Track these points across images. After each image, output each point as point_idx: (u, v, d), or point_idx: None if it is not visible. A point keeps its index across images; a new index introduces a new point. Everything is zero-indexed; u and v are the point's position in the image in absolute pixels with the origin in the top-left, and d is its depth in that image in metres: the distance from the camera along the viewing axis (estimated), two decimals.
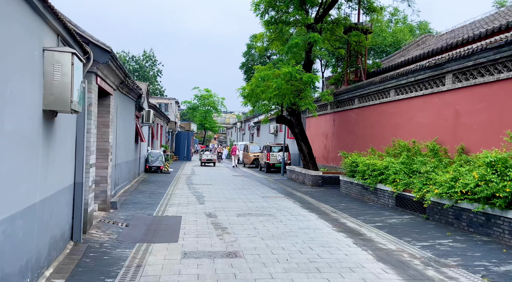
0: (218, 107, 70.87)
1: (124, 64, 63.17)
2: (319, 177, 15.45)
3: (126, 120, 12.78)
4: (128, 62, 63.68)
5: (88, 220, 6.23)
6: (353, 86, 15.78)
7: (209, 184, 15.58)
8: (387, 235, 7.26)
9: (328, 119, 18.72)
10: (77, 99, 4.42)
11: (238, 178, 19.15)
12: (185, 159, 35.67)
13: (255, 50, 26.71)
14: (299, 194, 13.16)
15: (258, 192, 13.38)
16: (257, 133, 35.90)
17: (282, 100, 15.01)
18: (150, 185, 14.38)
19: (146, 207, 9.56)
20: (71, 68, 4.10)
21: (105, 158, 7.94)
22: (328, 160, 18.83)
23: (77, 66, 4.39)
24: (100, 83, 6.92)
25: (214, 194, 12.67)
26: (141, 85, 18.40)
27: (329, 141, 18.75)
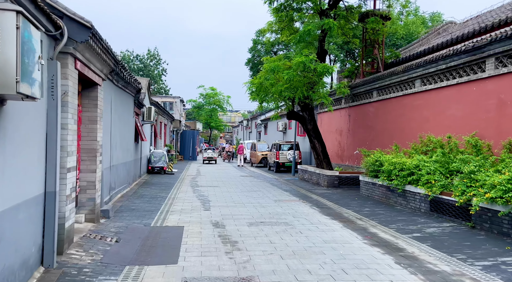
0: (223, 105, 69.74)
1: (128, 64, 62.75)
2: (335, 177, 14.14)
3: (123, 118, 11.59)
4: (132, 61, 62.79)
5: (66, 237, 5.01)
6: (371, 78, 14.43)
7: (216, 186, 14.35)
8: (432, 250, 5.95)
9: (343, 115, 17.38)
10: (32, 80, 3.18)
11: (247, 178, 17.90)
12: (190, 159, 34.53)
13: (264, 41, 25.09)
14: (315, 197, 11.87)
15: (269, 195, 12.12)
16: (264, 131, 34.63)
17: (294, 93, 13.71)
18: (151, 188, 13.18)
19: (144, 215, 8.34)
20: (16, 35, 2.87)
21: (92, 160, 6.72)
22: (343, 158, 17.50)
23: (31, 35, 3.16)
24: (82, 69, 5.69)
25: (221, 197, 11.43)
26: (141, 80, 17.22)
27: (344, 138, 17.42)
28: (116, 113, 10.41)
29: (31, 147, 4.15)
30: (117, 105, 10.60)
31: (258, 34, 42.28)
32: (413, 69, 11.67)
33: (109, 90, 9.48)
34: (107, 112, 9.32)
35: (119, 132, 10.95)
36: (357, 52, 30.59)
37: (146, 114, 15.80)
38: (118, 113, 10.80)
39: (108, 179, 9.56)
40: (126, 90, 11.60)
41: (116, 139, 10.51)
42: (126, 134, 12.14)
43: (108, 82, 9.24)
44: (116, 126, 10.54)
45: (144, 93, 16.04)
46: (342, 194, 12.45)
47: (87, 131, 6.70)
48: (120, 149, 11.32)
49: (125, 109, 11.95)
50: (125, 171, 12.18)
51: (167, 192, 12.36)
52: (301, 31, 13.52)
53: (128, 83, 11.14)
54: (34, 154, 4.24)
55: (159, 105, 21.89)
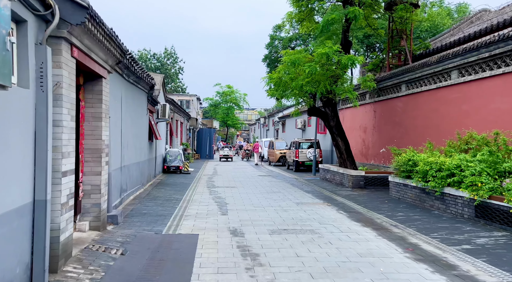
0: (240, 103, 69.21)
1: (146, 62, 62.91)
2: (361, 177, 13.17)
3: (135, 115, 10.96)
4: (149, 60, 62.90)
5: (61, 252, 4.33)
6: (400, 70, 13.38)
7: (233, 187, 13.60)
8: (491, 267, 5.01)
9: (367, 110, 16.35)
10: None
11: (265, 178, 17.10)
12: (207, 157, 33.98)
13: (284, 31, 23.96)
14: (340, 199, 10.97)
15: (290, 197, 11.28)
16: (282, 129, 33.72)
17: (316, 88, 12.80)
18: (166, 189, 12.54)
19: (156, 221, 7.65)
20: None
21: (97, 161, 6.05)
22: (368, 157, 16.48)
23: None
24: (82, 58, 4.99)
25: (239, 199, 10.66)
26: (156, 76, 16.63)
27: (369, 135, 16.39)
28: (127, 110, 9.77)
29: (12, 148, 3.45)
30: (129, 102, 9.97)
31: (275, 30, 41.32)
32: (449, 59, 10.60)
33: (119, 85, 8.84)
34: (117, 109, 8.68)
35: (131, 130, 10.32)
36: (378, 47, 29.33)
37: (161, 112, 15.18)
38: (130, 110, 10.17)
39: (118, 180, 8.93)
40: (138, 86, 10.97)
41: (127, 138, 9.88)
42: (139, 133, 11.52)
43: (117, 76, 8.59)
44: (128, 124, 9.90)
45: (159, 90, 15.44)
46: (370, 196, 11.49)
47: (91, 129, 6.02)
48: (133, 148, 10.70)
49: (138, 106, 11.32)
50: (138, 171, 11.57)
51: (182, 193, 11.68)
52: (323, 21, 12.57)
53: (139, 78, 10.49)
54: (17, 156, 3.55)
55: (175, 102, 21.33)
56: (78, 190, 5.78)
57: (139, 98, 11.44)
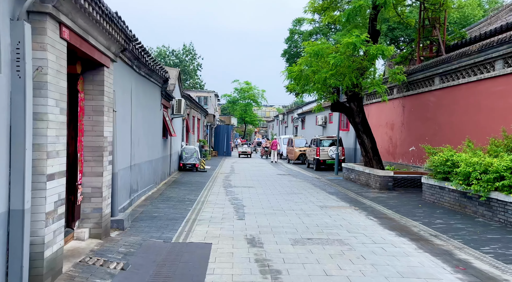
0: (258, 100, 68.42)
1: (164, 59, 62.96)
2: (389, 178, 12.16)
3: (148, 110, 10.31)
4: (168, 57, 62.91)
5: (47, 270, 3.64)
6: (433, 62, 12.26)
7: (251, 186, 12.83)
8: None
9: (395, 106, 15.24)
10: None
11: (284, 177, 16.26)
12: (224, 154, 33.39)
13: (306, 20, 22.91)
14: (368, 202, 10.03)
15: (313, 199, 10.41)
16: (301, 126, 32.75)
17: (341, 81, 11.84)
18: (180, 188, 11.88)
19: (166, 226, 6.94)
20: None
21: (98, 160, 5.36)
22: (395, 156, 15.40)
23: None
24: (78, 42, 4.29)
25: (257, 201, 9.88)
26: (171, 71, 16.00)
27: (396, 132, 15.29)
28: (138, 104, 9.12)
29: None
30: (140, 96, 9.31)
31: (295, 24, 40.22)
32: (493, 48, 9.47)
33: (128, 78, 8.17)
34: (126, 103, 8.02)
35: (142, 126, 9.68)
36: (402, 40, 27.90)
37: (176, 107, 14.54)
38: (141, 105, 9.52)
39: (128, 180, 8.29)
40: (150, 79, 10.31)
41: (138, 134, 9.23)
42: (151, 129, 10.88)
43: (126, 67, 7.93)
44: (139, 120, 9.25)
45: (174, 85, 14.80)
46: (400, 199, 10.49)
47: (91, 124, 5.34)
48: (145, 145, 10.06)
49: (150, 101, 10.68)
50: (151, 170, 10.94)
51: (196, 193, 10.98)
52: (349, 9, 11.59)
53: (152, 70, 9.81)
54: None
55: (191, 98, 20.71)
56: (76, 193, 5.12)
57: (152, 92, 10.79)
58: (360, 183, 13.88)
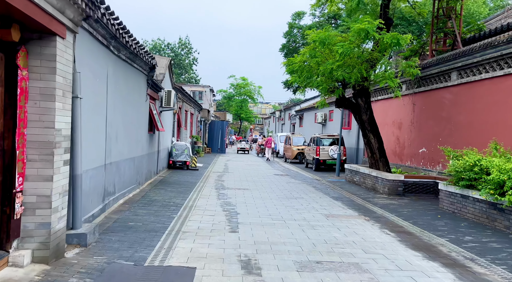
0: (254, 96, 67.15)
1: (159, 52, 61.43)
2: (400, 182, 10.97)
3: (130, 101, 9.01)
4: (163, 50, 61.36)
5: None
6: (451, 55, 11.06)
7: (245, 189, 11.57)
8: None
9: (405, 103, 14.04)
10: None
11: (282, 178, 15.02)
12: (219, 151, 32.09)
13: (311, 7, 21.78)
14: (378, 211, 8.83)
15: (316, 205, 9.19)
16: (299, 123, 31.51)
17: (349, 73, 10.59)
18: (166, 190, 10.60)
19: (142, 240, 5.67)
20: None
21: (46, 160, 4.07)
22: (402, 158, 14.22)
23: None
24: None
25: (253, 207, 8.63)
26: (161, 59, 14.68)
27: (405, 132, 14.11)
28: (117, 93, 7.81)
29: None
30: (120, 83, 8.00)
31: (294, 17, 38.96)
32: None
33: (103, 60, 6.86)
34: (100, 90, 6.72)
35: (122, 119, 8.37)
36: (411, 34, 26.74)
37: (165, 99, 13.22)
38: (122, 94, 8.21)
39: (100, 182, 6.99)
40: (133, 65, 8.99)
41: (116, 128, 7.93)
42: (134, 122, 9.58)
43: (100, 47, 6.62)
44: (118, 111, 7.95)
45: (163, 74, 13.47)
46: (414, 207, 9.30)
47: (38, 112, 4.04)
48: (125, 140, 8.76)
49: (134, 90, 9.36)
50: (133, 168, 9.64)
51: (184, 196, 9.71)
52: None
53: (134, 54, 8.49)
54: None
55: (184, 91, 19.38)
56: (14, 204, 3.83)
57: (135, 80, 9.47)
58: (365, 186, 12.68)
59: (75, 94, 5.10)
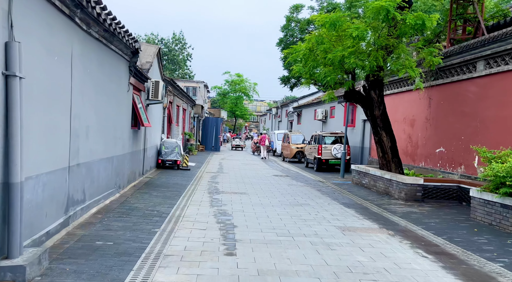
0: (249, 93, 65.68)
1: None
2: (418, 186, 9.64)
3: (105, 89, 7.54)
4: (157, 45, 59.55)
5: None
6: (477, 42, 9.72)
7: (243, 193, 10.17)
8: None
9: (419, 98, 12.71)
10: None
11: (282, 179, 13.63)
12: (213, 149, 30.65)
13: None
14: (400, 222, 7.47)
15: (326, 214, 7.81)
16: (297, 121, 30.14)
17: (363, 61, 9.21)
18: (151, 194, 9.16)
19: (108, 270, 4.23)
20: None
21: None
22: (415, 158, 12.90)
23: None
24: None
25: (253, 217, 7.23)
26: (148, 47, 13.20)
27: (418, 130, 12.79)
28: (86, 78, 6.35)
29: None
30: (90, 67, 6.53)
31: (292, 10, 37.52)
32: None
33: (65, 34, 5.40)
34: (58, 71, 5.26)
35: (95, 111, 6.91)
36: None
37: (152, 90, 11.74)
38: (94, 80, 6.74)
39: (62, 189, 5.54)
40: (111, 46, 7.51)
41: (86, 122, 6.47)
42: (112, 116, 8.11)
43: (59, 16, 5.17)
44: (88, 101, 6.49)
45: (150, 63, 11.98)
46: (440, 217, 7.96)
47: None
48: (100, 137, 7.29)
49: (111, 77, 7.88)
50: (111, 170, 8.17)
51: (172, 202, 8.28)
52: None
53: (111, 33, 7.02)
54: None
55: (175, 83, 17.88)
56: None
57: (113, 65, 7.99)
58: (376, 190, 11.34)
59: (10, 71, 3.66)
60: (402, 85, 13.82)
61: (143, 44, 13.41)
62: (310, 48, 10.46)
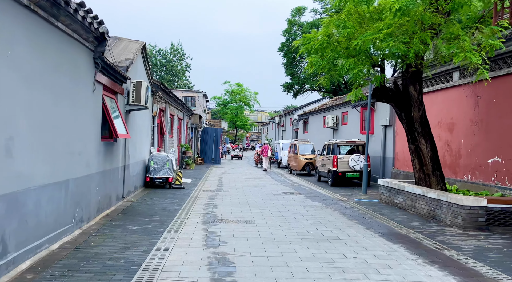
0: (250, 103, 63.67)
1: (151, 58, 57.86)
2: (481, 209, 7.28)
3: (50, 83, 5.27)
4: (154, 56, 58.05)
5: None
6: None
7: (248, 221, 7.81)
8: None
9: (459, 96, 10.43)
10: None
11: (294, 198, 11.27)
12: (212, 162, 28.33)
13: None
14: (482, 269, 5.10)
15: (368, 256, 5.45)
16: (303, 129, 27.85)
17: (407, 44, 6.94)
18: (126, 228, 6.81)
19: None
20: None
21: None
22: (457, 170, 10.55)
23: None
24: None
25: (266, 269, 4.86)
26: (131, 43, 11.01)
27: (460, 135, 10.47)
28: (6, 64, 4.08)
29: None
30: (16, 48, 4.27)
31: (294, 14, 35.67)
32: None
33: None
34: None
35: (28, 114, 4.64)
36: None
37: (133, 93, 9.48)
38: (22, 67, 4.48)
39: None
40: (58, 25, 5.27)
41: (8, 130, 4.18)
42: (65, 122, 5.83)
43: None
44: (9, 98, 4.21)
45: (131, 60, 9.75)
46: None
47: None
48: (38, 153, 5.00)
49: (59, 68, 5.61)
50: (63, 199, 5.84)
51: (151, 241, 5.93)
52: None
53: (56, 5, 4.78)
54: None
55: (166, 89, 15.65)
56: None
57: (64, 53, 5.73)
58: (415, 212, 8.97)
59: None
60: (435, 82, 11.55)
61: (123, 39, 11.25)
62: (329, 35, 8.24)
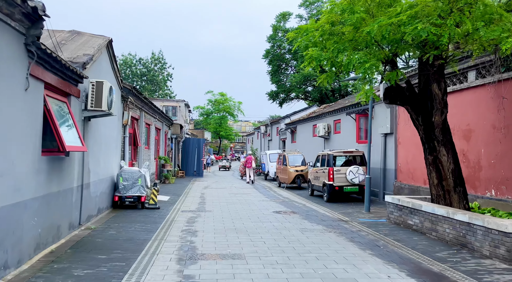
0: (234, 112, 62.22)
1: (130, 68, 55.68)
2: None
3: None
4: (135, 66, 56.05)
5: None
6: None
7: (235, 256, 6.07)
8: None
9: (477, 99, 9.05)
10: None
11: (289, 219, 9.58)
12: (195, 174, 26.47)
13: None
14: None
15: None
16: (291, 138, 26.33)
17: (439, 28, 5.44)
18: (71, 274, 4.98)
19: None
20: None
21: None
22: (476, 185, 9.11)
23: None
24: None
25: None
26: (94, 39, 9.27)
27: (480, 144, 9.07)
28: None
29: None
30: None
31: (279, 19, 34.51)
32: None
33: None
34: None
35: None
36: None
37: (92, 96, 7.70)
38: None
39: None
40: None
41: None
42: None
43: None
44: None
45: (91, 57, 7.97)
46: None
47: None
48: None
49: None
50: None
51: None
52: None
53: None
54: None
55: (140, 95, 13.86)
56: None
57: None
58: (438, 237, 7.41)
59: None
60: (458, 81, 10.15)
61: (84, 34, 9.50)
62: (332, 23, 6.72)
